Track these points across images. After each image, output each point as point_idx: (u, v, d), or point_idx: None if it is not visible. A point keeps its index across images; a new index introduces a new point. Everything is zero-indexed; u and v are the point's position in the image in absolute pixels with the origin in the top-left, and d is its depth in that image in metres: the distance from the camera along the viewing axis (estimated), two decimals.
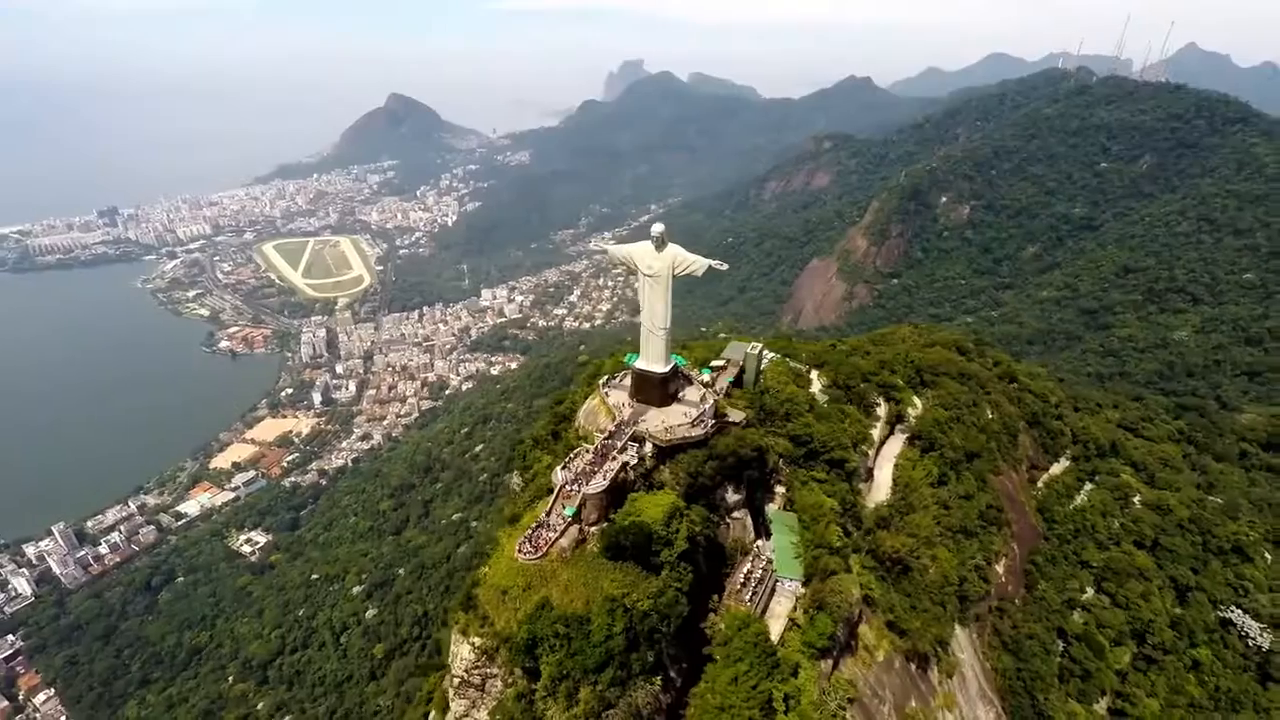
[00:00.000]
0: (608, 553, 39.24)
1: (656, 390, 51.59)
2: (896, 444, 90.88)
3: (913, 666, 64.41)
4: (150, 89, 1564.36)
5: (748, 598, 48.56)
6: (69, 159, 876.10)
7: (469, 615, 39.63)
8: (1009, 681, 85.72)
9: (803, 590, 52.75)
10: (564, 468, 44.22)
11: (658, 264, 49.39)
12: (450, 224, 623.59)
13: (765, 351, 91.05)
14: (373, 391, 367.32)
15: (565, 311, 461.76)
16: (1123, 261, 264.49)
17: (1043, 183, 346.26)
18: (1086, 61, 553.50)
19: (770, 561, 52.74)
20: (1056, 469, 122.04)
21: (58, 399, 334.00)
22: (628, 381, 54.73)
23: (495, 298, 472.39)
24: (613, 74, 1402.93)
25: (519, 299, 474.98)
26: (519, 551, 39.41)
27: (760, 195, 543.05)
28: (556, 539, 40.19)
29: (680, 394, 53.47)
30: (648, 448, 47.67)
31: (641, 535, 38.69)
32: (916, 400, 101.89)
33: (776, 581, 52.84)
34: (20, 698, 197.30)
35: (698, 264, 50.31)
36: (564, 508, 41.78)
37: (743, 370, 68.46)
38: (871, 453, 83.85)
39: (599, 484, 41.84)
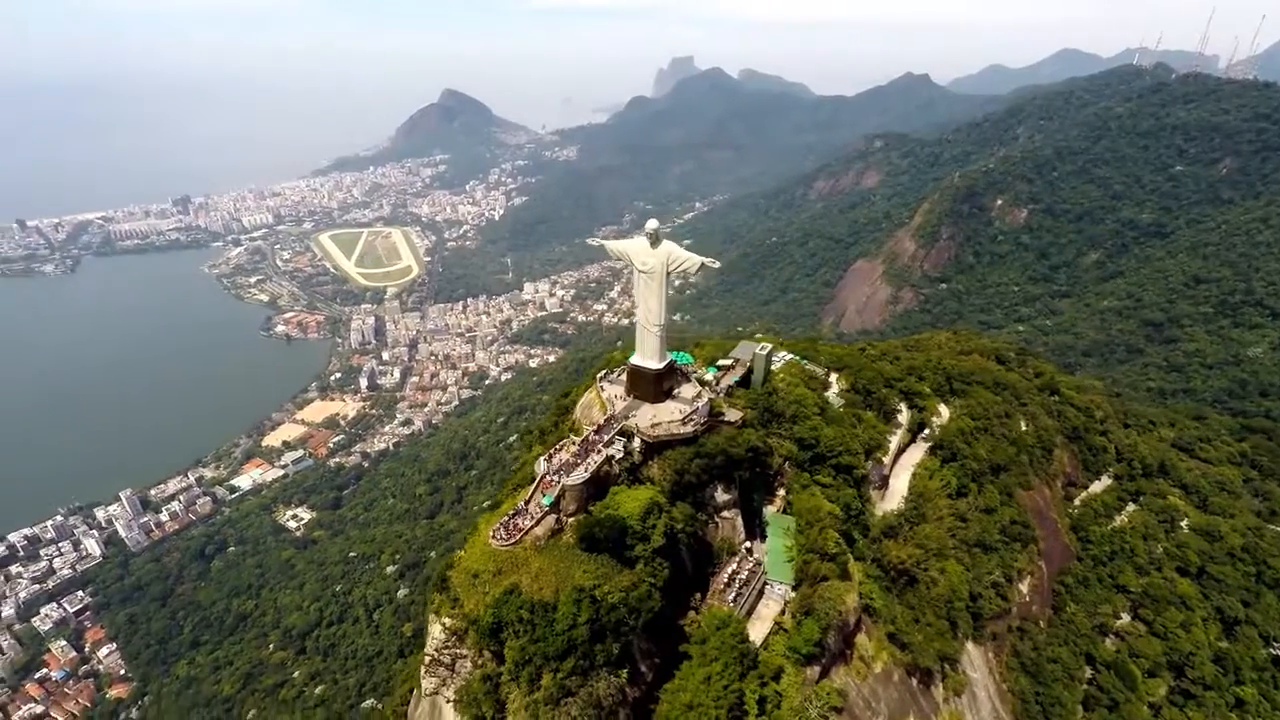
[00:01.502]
0: (582, 544, 39.80)
1: (651, 386, 51.76)
2: (917, 452, 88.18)
3: (914, 681, 62.60)
4: (221, 85, 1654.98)
5: (731, 598, 48.27)
6: (148, 150, 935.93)
7: (442, 596, 40.97)
8: (1026, 705, 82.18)
9: (792, 595, 52.08)
10: (547, 458, 45.02)
11: (652, 260, 49.49)
12: (497, 218, 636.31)
13: (784, 353, 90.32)
14: (416, 379, 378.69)
15: (605, 307, 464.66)
16: (1194, 271, 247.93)
17: (1109, 186, 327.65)
18: (1166, 58, 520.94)
19: (760, 563, 52.25)
20: (1097, 487, 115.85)
21: (130, 374, 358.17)
22: (625, 376, 55.08)
23: (537, 291, 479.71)
24: (663, 71, 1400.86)
25: (560, 293, 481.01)
26: (493, 537, 40.43)
27: (806, 195, 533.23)
28: (531, 527, 40.98)
29: (676, 391, 53.47)
30: (636, 442, 47.95)
31: (616, 528, 39.06)
32: (942, 408, 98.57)
33: (766, 584, 52.34)
34: (87, 649, 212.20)
35: (691, 261, 50.17)
36: (543, 497, 42.59)
37: (751, 370, 67.81)
38: (888, 460, 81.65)
39: (579, 476, 42.40)
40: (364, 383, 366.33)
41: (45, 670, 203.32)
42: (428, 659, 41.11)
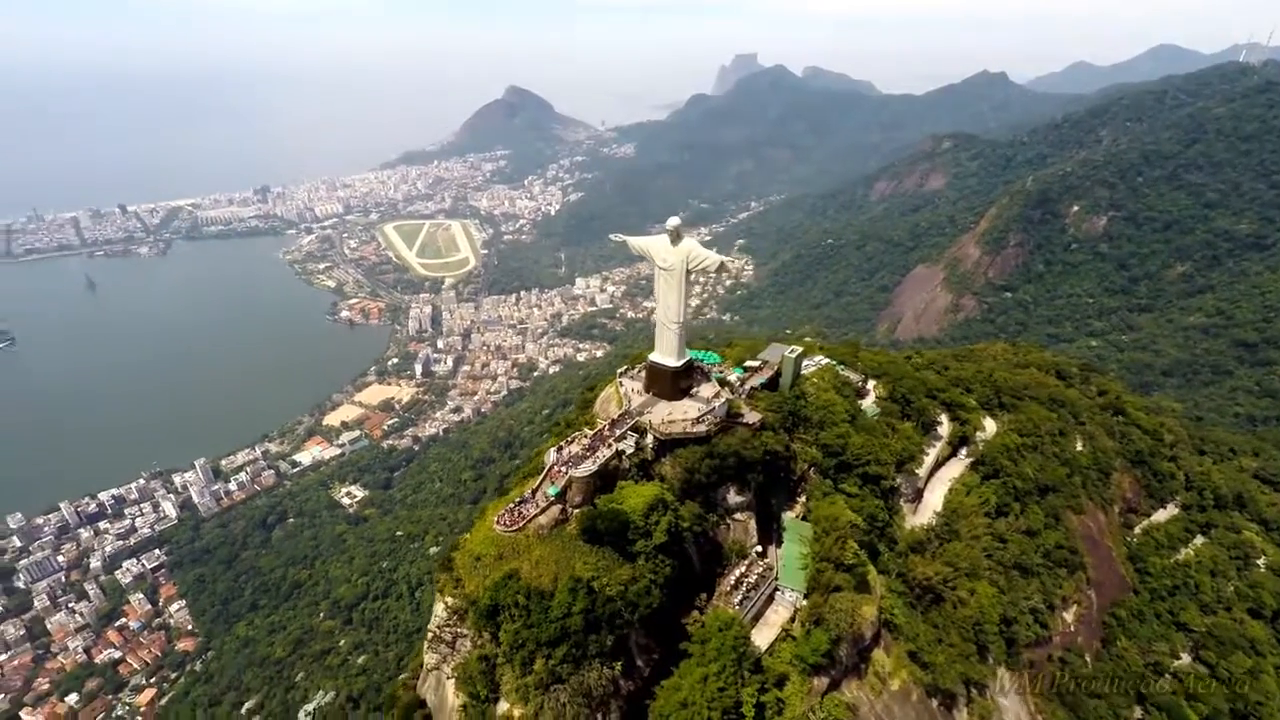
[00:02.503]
0: (584, 535, 40.33)
1: (668, 383, 51.74)
2: (956, 467, 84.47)
3: (934, 702, 60.22)
4: (302, 79, 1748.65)
5: (737, 600, 47.80)
6: (233, 141, 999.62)
7: (446, 576, 42.39)
8: None
9: (803, 602, 51.07)
10: (557, 449, 45.78)
11: (672, 258, 49.44)
12: (553, 213, 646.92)
13: (820, 358, 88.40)
14: (467, 367, 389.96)
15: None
16: None
17: (1201, 193, 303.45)
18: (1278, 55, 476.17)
19: (771, 567, 51.48)
20: (1160, 516, 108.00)
21: (209, 351, 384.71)
22: (644, 373, 55.20)
23: (588, 287, 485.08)
24: (725, 68, 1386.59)
25: (611, 289, 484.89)
26: (497, 522, 41.50)
27: (867, 196, 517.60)
28: (535, 515, 41.82)
29: (694, 389, 53.24)
30: (648, 439, 48.10)
31: (618, 523, 39.39)
32: (989, 422, 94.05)
33: (777, 589, 51.54)
34: (160, 604, 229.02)
35: (711, 260, 49.80)
36: (549, 486, 43.35)
37: (779, 373, 66.69)
38: (923, 473, 78.58)
39: (587, 468, 42.94)
40: (419, 369, 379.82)
41: (124, 620, 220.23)
42: (430, 635, 42.77)
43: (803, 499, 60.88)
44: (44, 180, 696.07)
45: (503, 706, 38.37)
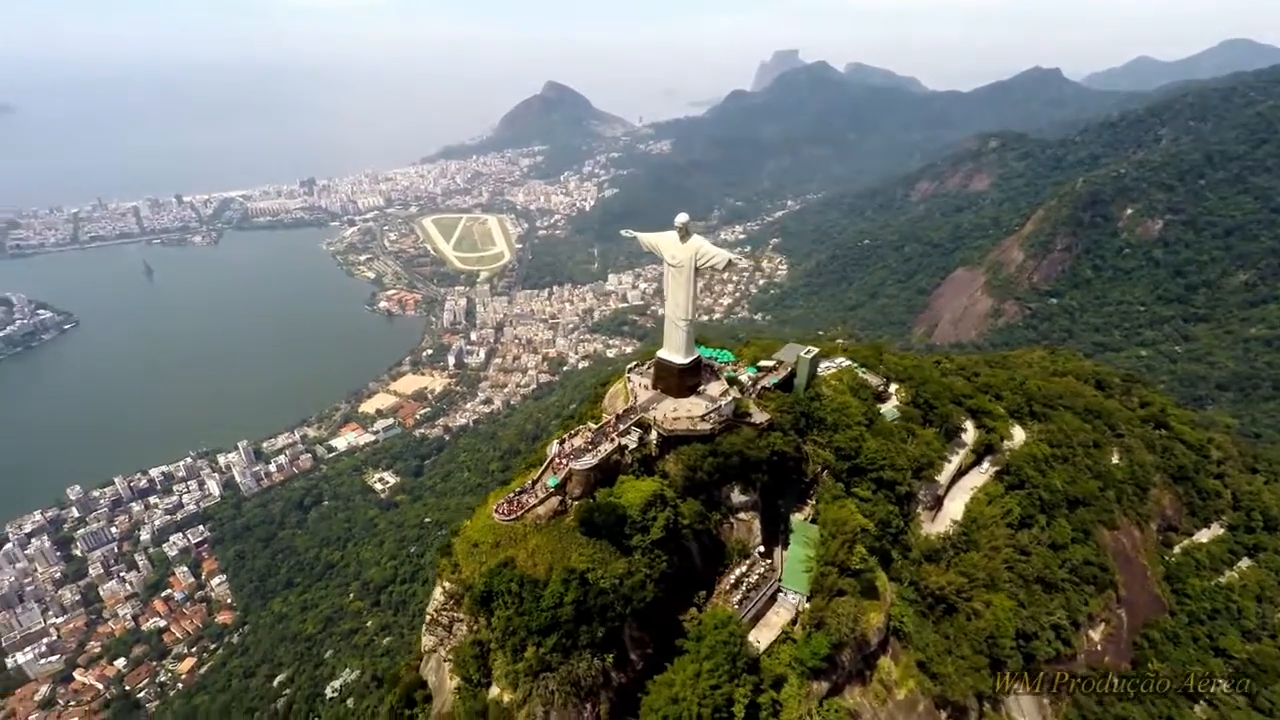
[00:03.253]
0: (582, 528, 40.76)
1: (675, 380, 51.74)
2: (980, 476, 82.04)
3: (943, 715, 58.86)
4: (348, 75, 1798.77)
5: (736, 600, 47.61)
6: (281, 134, 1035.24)
7: (445, 561, 43.37)
8: None
9: (806, 605, 50.53)
10: (560, 441, 46.32)
11: (681, 254, 49.37)
12: (587, 209, 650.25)
13: (841, 360, 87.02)
14: (499, 360, 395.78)
15: None
16: None
17: (1270, 197, 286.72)
18: None
19: (773, 568, 51.05)
20: (1203, 536, 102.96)
21: (255, 336, 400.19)
22: (652, 369, 55.30)
23: (620, 283, 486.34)
24: (765, 64, 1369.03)
25: (643, 286, 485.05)
26: (495, 511, 42.28)
27: (908, 196, 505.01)
28: (534, 505, 42.45)
29: (702, 387, 53.10)
30: (652, 435, 48.23)
31: (614, 516, 39.68)
32: (1017, 431, 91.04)
33: (780, 591, 51.11)
34: (202, 577, 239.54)
35: (719, 257, 49.53)
36: (550, 478, 43.93)
37: (794, 374, 65.91)
38: (943, 480, 76.62)
39: (587, 461, 43.34)
40: (452, 360, 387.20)
41: (169, 591, 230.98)
42: (428, 618, 43.96)
43: (813, 501, 60.19)
44: (108, 170, 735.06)
45: (494, 691, 39.30)
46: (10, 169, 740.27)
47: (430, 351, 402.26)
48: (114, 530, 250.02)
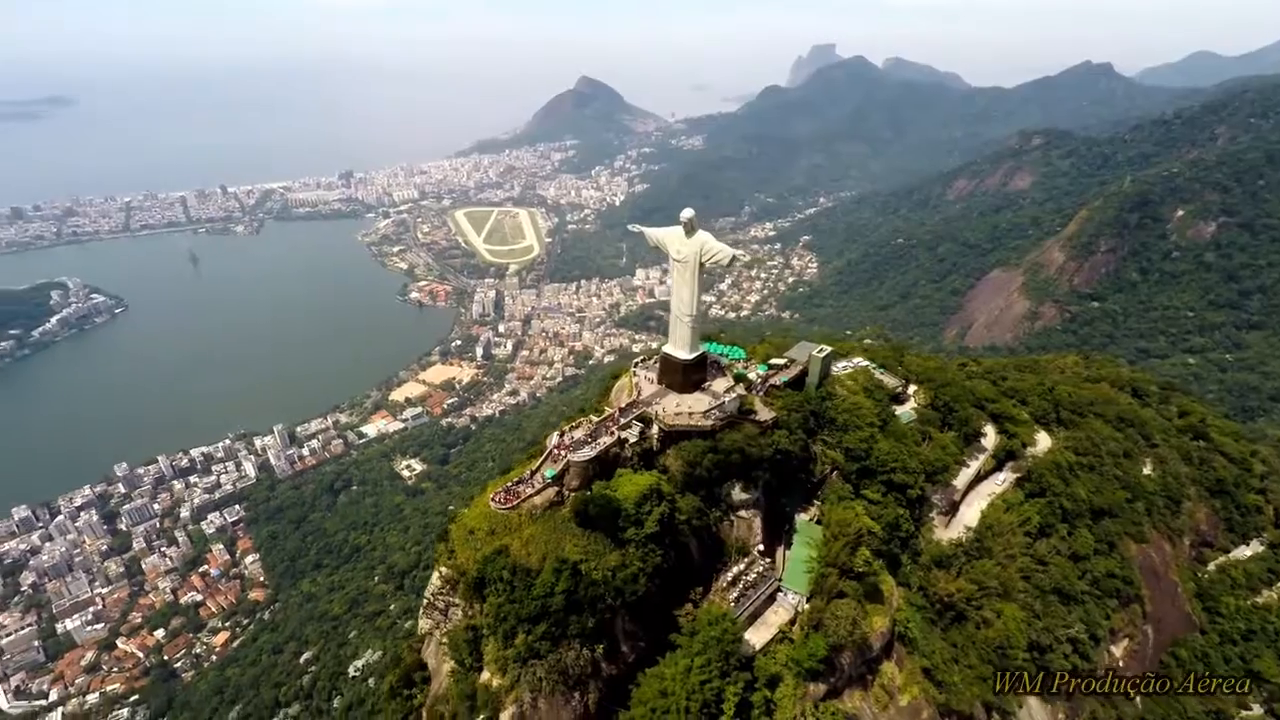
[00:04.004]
0: (577, 519, 41.17)
1: (679, 375, 51.67)
2: (999, 482, 79.80)
3: None
4: (385, 71, 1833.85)
5: (733, 598, 47.47)
6: (321, 129, 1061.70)
7: (443, 546, 44.25)
8: None
9: (805, 606, 50.07)
10: (560, 433, 46.76)
11: (686, 249, 49.23)
12: (617, 204, 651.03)
13: (858, 359, 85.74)
14: (526, 352, 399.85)
15: (714, 299, 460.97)
16: None
17: None
18: None
19: (772, 567, 50.69)
20: (1241, 553, 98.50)
21: (292, 323, 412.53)
22: (657, 364, 55.32)
23: (648, 278, 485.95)
24: (801, 59, 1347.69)
25: (670, 281, 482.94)
26: (492, 499, 42.98)
27: (944, 194, 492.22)
28: (530, 495, 43.00)
29: (707, 383, 52.93)
30: (654, 429, 48.31)
31: (608, 509, 39.95)
32: (1042, 437, 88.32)
33: (779, 590, 50.75)
34: (237, 554, 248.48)
35: (724, 253, 49.22)
36: (548, 469, 44.42)
37: (805, 372, 65.18)
38: (960, 485, 74.84)
39: (585, 454, 43.69)
40: (480, 352, 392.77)
41: (206, 567, 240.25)
42: (425, 602, 45.00)
43: (819, 502, 59.55)
44: (158, 162, 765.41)
45: (485, 676, 40.09)
46: (70, 160, 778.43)
47: (459, 342, 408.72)
48: (156, 507, 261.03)
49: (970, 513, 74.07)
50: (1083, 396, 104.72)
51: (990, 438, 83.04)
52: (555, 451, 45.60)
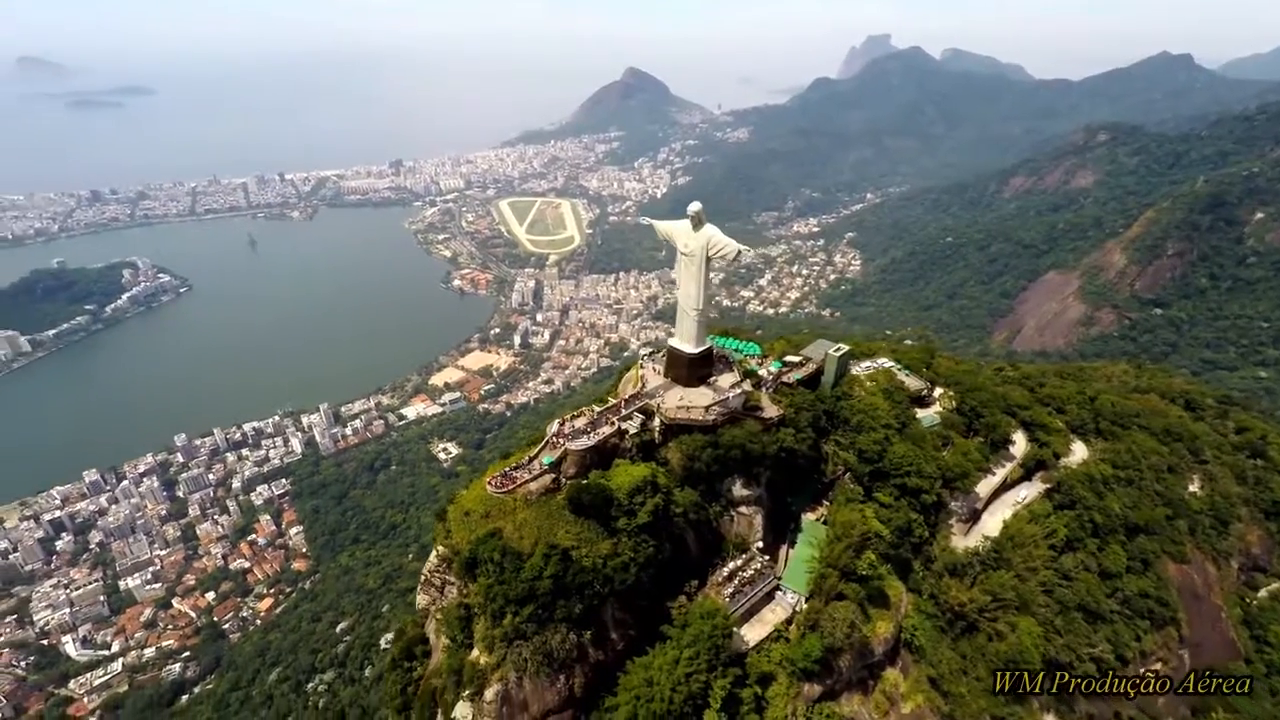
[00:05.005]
0: (570, 506, 41.82)
1: (684, 369, 51.60)
2: (1027, 491, 76.80)
3: None
4: (438, 61, 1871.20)
5: (728, 593, 47.39)
6: (373, 118, 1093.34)
7: (441, 526, 45.55)
8: None
9: (804, 605, 49.56)
10: (560, 421, 47.42)
11: (693, 243, 49.02)
12: (659, 196, 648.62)
13: (883, 360, 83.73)
14: (562, 342, 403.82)
15: (752, 294, 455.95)
16: None
17: None
18: None
19: (769, 564, 50.29)
20: None
21: (339, 306, 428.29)
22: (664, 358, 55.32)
23: None
24: (854, 50, 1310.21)
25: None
26: (489, 483, 43.99)
27: (999, 192, 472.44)
28: (526, 481, 43.83)
29: (713, 378, 52.69)
30: (655, 421, 48.45)
31: (601, 498, 40.43)
32: (1078, 447, 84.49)
33: (778, 589, 50.35)
34: (282, 526, 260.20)
35: (729, 247, 48.73)
36: (545, 456, 45.17)
37: (821, 371, 64.10)
38: (983, 493, 72.38)
39: (583, 443, 44.24)
40: (518, 340, 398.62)
41: (254, 536, 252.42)
42: (422, 578, 46.49)
43: (829, 503, 58.68)
44: (224, 148, 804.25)
45: (474, 653, 41.32)
46: (144, 147, 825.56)
47: (498, 330, 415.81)
48: (211, 477, 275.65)
49: (993, 522, 71.63)
50: (1127, 407, 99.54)
51: (1020, 446, 79.97)
52: (554, 439, 46.41)
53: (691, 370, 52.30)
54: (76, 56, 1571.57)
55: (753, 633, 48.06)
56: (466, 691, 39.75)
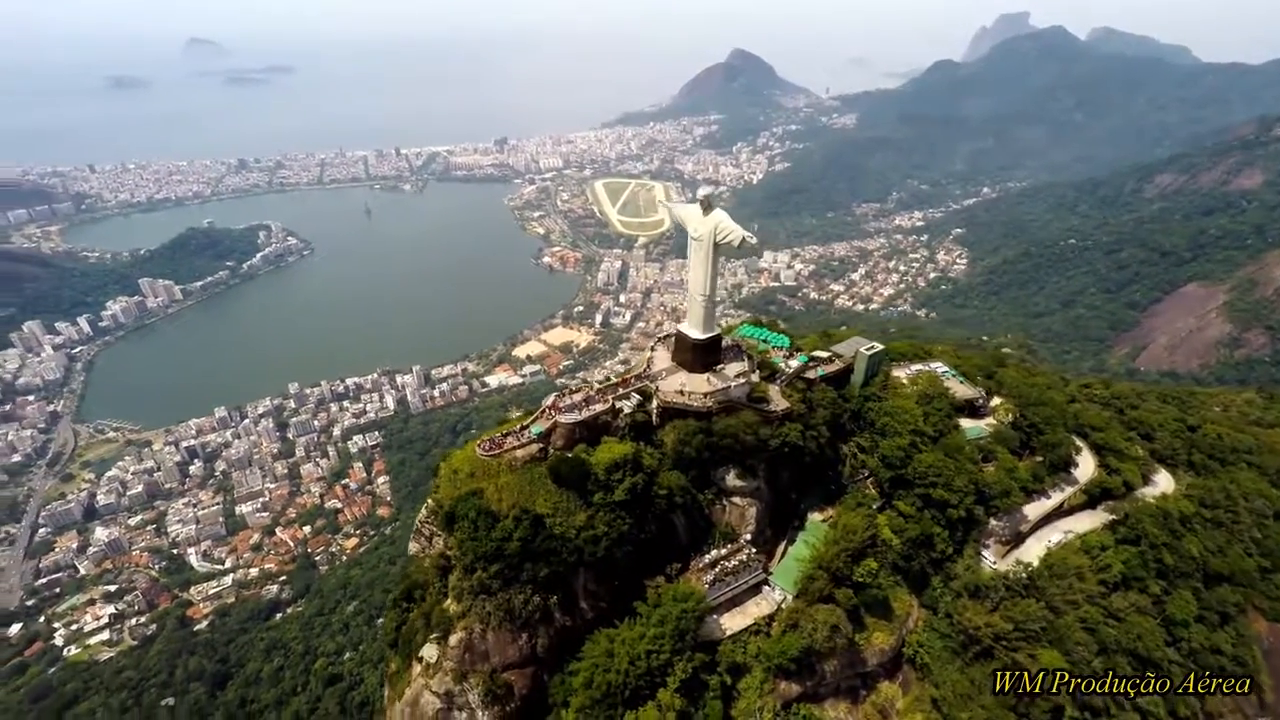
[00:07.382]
0: (551, 476, 43.24)
1: (690, 354, 51.27)
2: (1087, 520, 69.59)
3: None
4: (546, 43, 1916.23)
5: (708, 580, 47.21)
6: (480, 98, 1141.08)
7: (434, 480, 48.45)
8: None
9: (791, 603, 48.41)
10: (557, 394, 48.76)
11: (702, 228, 48.27)
12: (755, 182, 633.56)
13: (937, 365, 78.58)
14: (642, 324, 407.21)
15: (842, 288, 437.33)
16: None
17: None
18: None
19: (760, 558, 49.40)
20: None
21: (439, 275, 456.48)
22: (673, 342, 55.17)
23: (775, 261, 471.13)
24: (984, 30, 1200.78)
25: (799, 266, 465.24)
26: (478, 446, 46.21)
27: (1140, 191, 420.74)
28: (513, 447, 45.64)
29: (721, 365, 51.98)
30: (653, 403, 48.69)
31: (577, 471, 41.51)
32: (1162, 479, 75.24)
33: (766, 583, 49.46)
34: (372, 474, 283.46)
35: (735, 234, 47.56)
36: (535, 426, 46.74)
37: (851, 369, 61.34)
38: (1032, 514, 66.51)
39: (571, 416, 45.41)
40: (599, 319, 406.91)
41: (347, 480, 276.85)
42: (415, 527, 49.84)
43: (841, 505, 56.51)
44: (352, 120, 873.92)
45: (448, 601, 44.16)
46: (286, 119, 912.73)
47: (581, 308, 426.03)
48: (316, 423, 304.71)
49: (1037, 548, 65.80)
50: (1238, 441, 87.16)
51: (1085, 469, 72.56)
52: (547, 410, 48.07)
53: (698, 356, 52.02)
54: (234, 37, 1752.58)
55: (732, 622, 47.80)
56: (434, 635, 42.87)
